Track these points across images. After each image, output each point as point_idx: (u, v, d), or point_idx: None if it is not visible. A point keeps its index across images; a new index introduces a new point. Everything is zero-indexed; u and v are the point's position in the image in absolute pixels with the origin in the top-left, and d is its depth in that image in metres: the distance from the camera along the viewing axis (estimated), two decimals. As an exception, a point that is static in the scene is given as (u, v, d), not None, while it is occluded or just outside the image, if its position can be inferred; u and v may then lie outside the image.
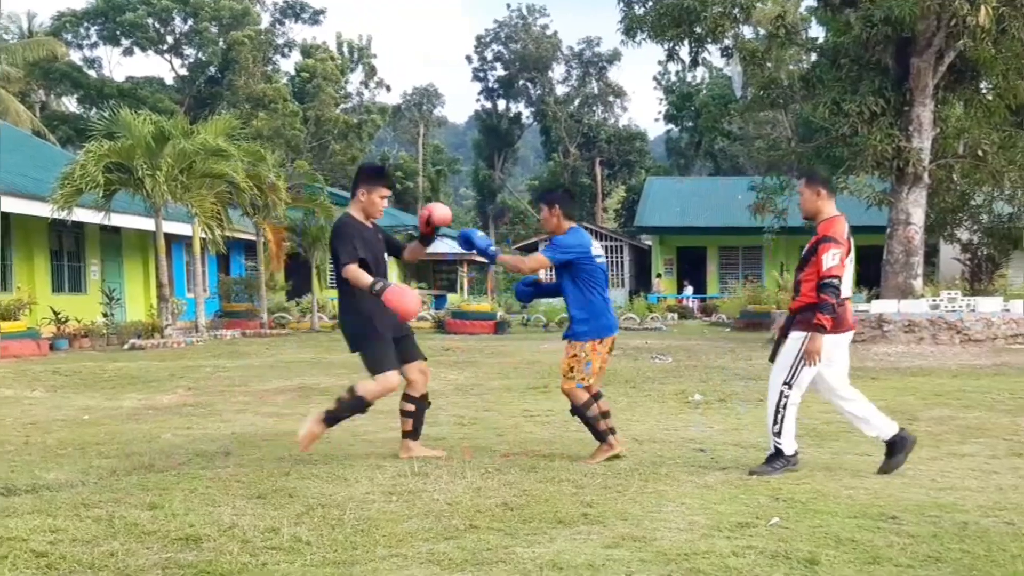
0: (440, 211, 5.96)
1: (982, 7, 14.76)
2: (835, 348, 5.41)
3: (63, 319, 17.95)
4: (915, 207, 17.24)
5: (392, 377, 5.72)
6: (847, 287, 5.39)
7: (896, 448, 5.42)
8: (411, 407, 6.01)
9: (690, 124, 56.55)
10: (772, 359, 5.62)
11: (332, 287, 31.89)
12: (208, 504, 4.65)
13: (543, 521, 4.32)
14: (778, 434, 5.42)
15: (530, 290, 6.21)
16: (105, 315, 19.54)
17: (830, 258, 5.25)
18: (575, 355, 5.73)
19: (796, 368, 5.37)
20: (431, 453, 6.00)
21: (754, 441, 6.60)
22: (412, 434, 6.03)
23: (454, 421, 7.80)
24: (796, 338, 5.39)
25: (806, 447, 6.38)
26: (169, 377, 11.75)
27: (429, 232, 5.98)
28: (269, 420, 8.02)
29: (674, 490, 4.99)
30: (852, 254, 5.45)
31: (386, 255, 6.02)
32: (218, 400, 9.44)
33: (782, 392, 5.41)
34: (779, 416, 5.41)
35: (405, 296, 5.51)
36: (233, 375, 12.07)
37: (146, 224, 20.30)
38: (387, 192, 5.91)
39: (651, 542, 3.96)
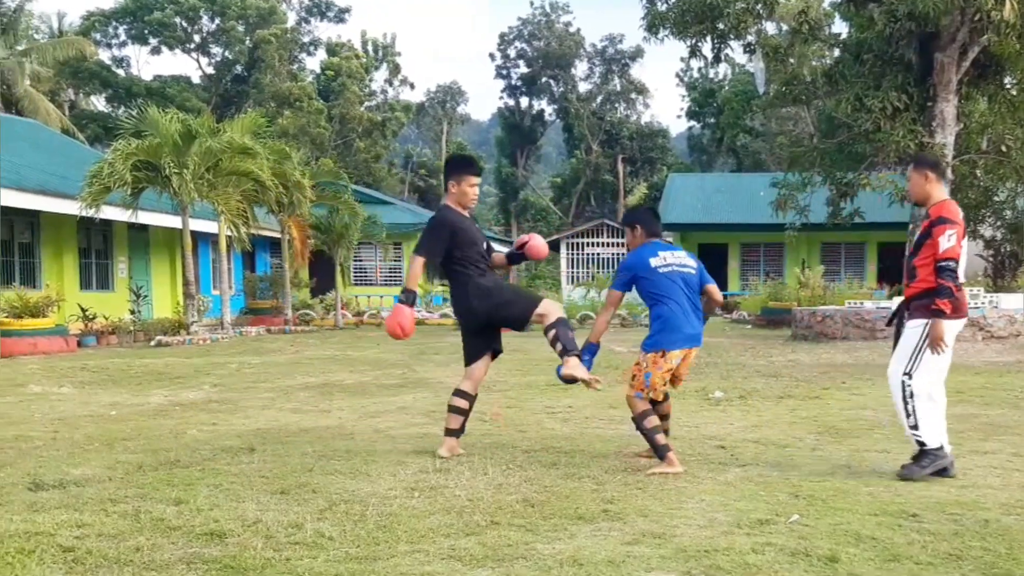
0: (537, 244, 6.08)
1: (1007, 2, 14.61)
2: (948, 334, 5.15)
3: (91, 316, 18.13)
4: (938, 203, 17.06)
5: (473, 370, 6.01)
6: (962, 271, 5.17)
7: (924, 460, 5.15)
8: (465, 404, 5.97)
9: (712, 120, 56.24)
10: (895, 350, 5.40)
11: (356, 284, 32.17)
12: (232, 500, 4.70)
13: (564, 517, 4.32)
14: (915, 427, 5.12)
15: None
16: (132, 312, 19.72)
17: (946, 239, 5.01)
18: (637, 363, 5.57)
19: (916, 357, 5.10)
20: (460, 452, 6.00)
21: (774, 438, 6.57)
22: (458, 432, 5.99)
23: (475, 417, 7.72)
24: (915, 326, 5.14)
25: (826, 444, 6.36)
26: (195, 373, 11.81)
27: (519, 255, 6.13)
28: (293, 416, 8.03)
29: (694, 487, 4.99)
30: (965, 239, 5.20)
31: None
32: (243, 396, 9.48)
33: (903, 383, 5.13)
34: (909, 408, 5.12)
35: (397, 317, 5.73)
36: (258, 371, 12.12)
37: (173, 222, 20.47)
38: (475, 179, 6.01)
39: (671, 539, 3.96)
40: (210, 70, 51.46)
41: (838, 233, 26.15)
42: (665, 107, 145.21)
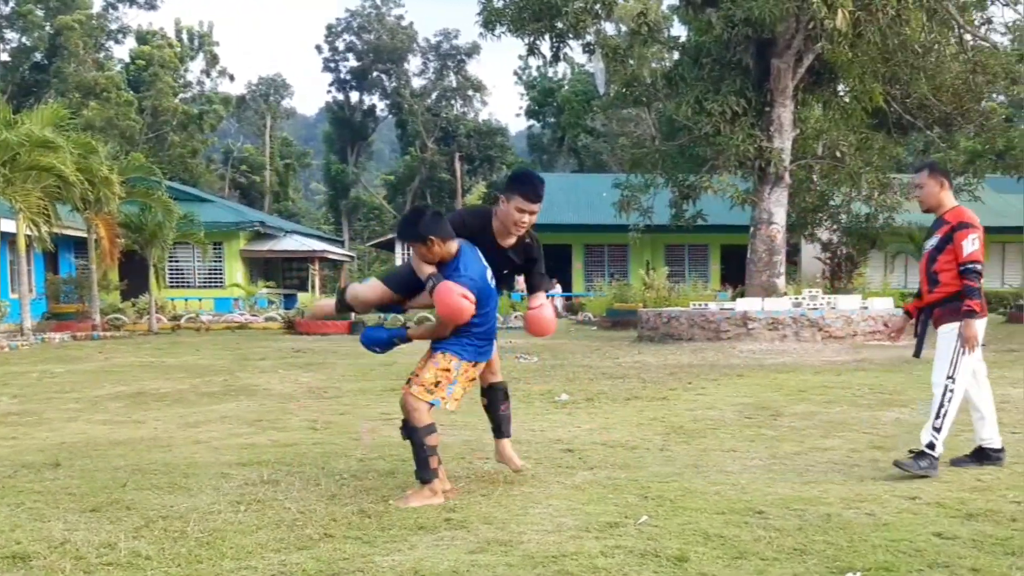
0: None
1: (839, 11, 15.19)
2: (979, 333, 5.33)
3: None
4: (777, 206, 17.73)
5: None
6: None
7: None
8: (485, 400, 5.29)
9: (552, 120, 57.14)
10: (917, 355, 5.57)
11: (172, 286, 30.78)
12: (36, 519, 4.48)
13: (403, 528, 4.22)
14: (937, 430, 5.22)
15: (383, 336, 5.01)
16: (-83, 318, 18.12)
17: (970, 243, 5.18)
18: (447, 369, 4.78)
19: (955, 360, 5.23)
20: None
21: (622, 440, 6.61)
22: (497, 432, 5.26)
23: (307, 425, 7.58)
24: (949, 330, 5.27)
25: (674, 444, 6.45)
26: (-9, 384, 11.12)
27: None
28: (102, 428, 7.63)
29: (541, 492, 4.94)
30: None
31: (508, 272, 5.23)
32: (46, 408, 8.98)
33: (947, 387, 5.24)
34: (942, 411, 5.24)
35: (450, 295, 4.64)
36: (63, 381, 11.53)
37: (-35, 220, 19.17)
38: (526, 205, 4.88)
39: (517, 545, 3.91)
40: (5, 57, 48.30)
41: (681, 235, 26.81)
42: (504, 105, 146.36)
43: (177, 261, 31.66)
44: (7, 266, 24.61)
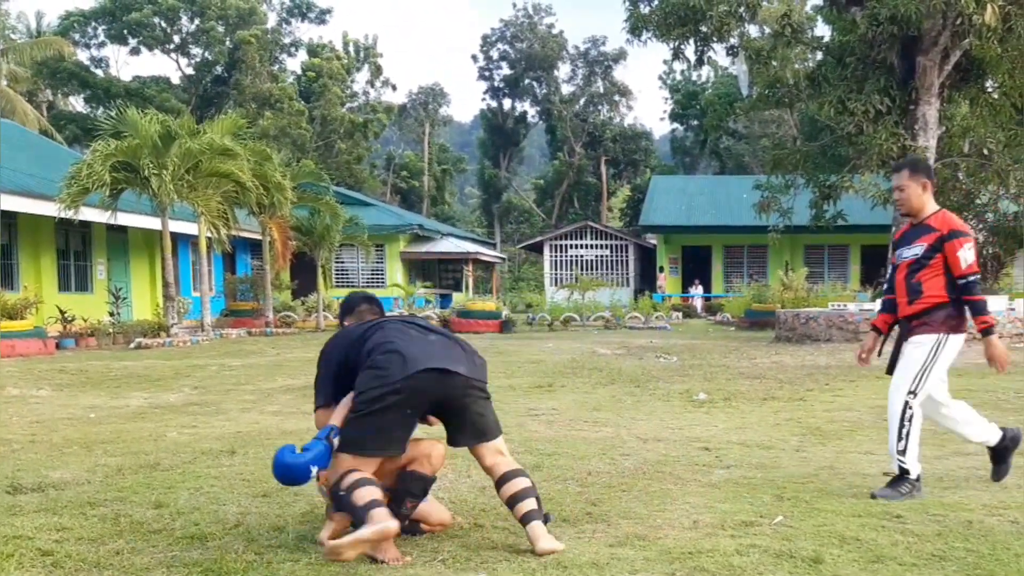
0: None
1: (988, 6, 14.68)
2: (956, 349, 4.91)
3: (69, 318, 17.98)
4: (920, 205, 17.21)
5: None
6: None
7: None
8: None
9: (695, 123, 56.56)
10: (890, 371, 5.00)
11: (338, 286, 32.13)
12: (213, 503, 4.67)
13: (548, 520, 4.32)
14: (902, 452, 4.77)
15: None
16: (111, 314, 19.58)
17: (968, 252, 4.74)
18: None
19: (922, 376, 4.79)
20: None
21: (759, 440, 6.58)
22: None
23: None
24: (923, 343, 4.82)
25: (810, 445, 6.38)
26: (175, 376, 11.74)
27: None
28: (274, 419, 7.99)
29: (679, 489, 4.97)
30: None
31: None
32: (223, 399, 9.43)
33: (907, 403, 4.78)
34: (903, 431, 4.76)
35: None
36: (238, 374, 12.06)
37: (152, 223, 20.40)
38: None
39: (655, 541, 3.94)
40: (190, 71, 51.23)
41: (821, 235, 26.38)
42: (648, 109, 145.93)
43: (343, 262, 32.95)
44: (189, 266, 25.84)
